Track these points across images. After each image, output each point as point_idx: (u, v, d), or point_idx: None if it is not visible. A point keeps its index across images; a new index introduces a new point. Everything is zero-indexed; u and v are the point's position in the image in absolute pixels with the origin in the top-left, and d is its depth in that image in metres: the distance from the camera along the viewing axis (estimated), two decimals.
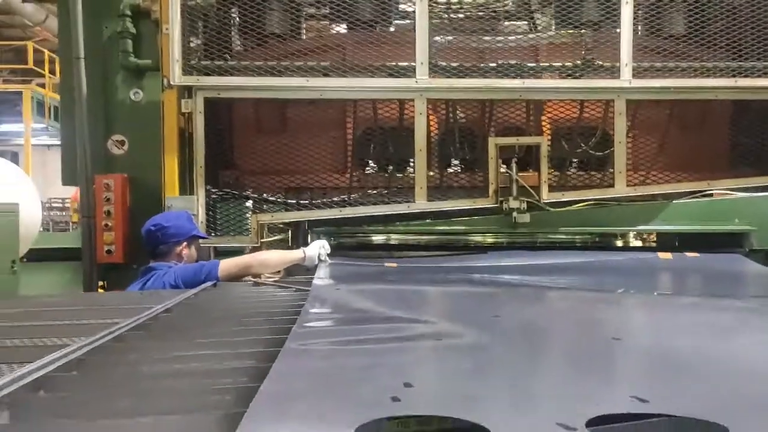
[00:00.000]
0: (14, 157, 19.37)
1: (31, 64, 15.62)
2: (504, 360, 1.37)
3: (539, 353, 1.51)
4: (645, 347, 1.56)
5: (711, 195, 3.60)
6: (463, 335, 1.57)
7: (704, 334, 1.76)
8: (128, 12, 3.57)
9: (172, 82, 3.27)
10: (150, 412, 1.00)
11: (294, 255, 3.12)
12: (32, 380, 1.10)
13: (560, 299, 2.57)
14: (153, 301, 2.16)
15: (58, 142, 17.80)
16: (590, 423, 0.89)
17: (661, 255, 3.38)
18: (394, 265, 3.27)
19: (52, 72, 15.93)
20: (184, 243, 3.11)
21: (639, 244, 4.14)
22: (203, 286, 2.66)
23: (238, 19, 3.57)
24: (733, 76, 3.43)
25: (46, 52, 15.48)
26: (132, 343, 1.50)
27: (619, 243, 4.18)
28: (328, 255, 3.15)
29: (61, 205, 21.46)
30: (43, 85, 16.02)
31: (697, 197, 3.56)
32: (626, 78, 3.36)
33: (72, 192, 15.20)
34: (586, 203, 3.55)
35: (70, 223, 18.55)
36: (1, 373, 1.16)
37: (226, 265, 2.94)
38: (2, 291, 4.26)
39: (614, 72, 3.42)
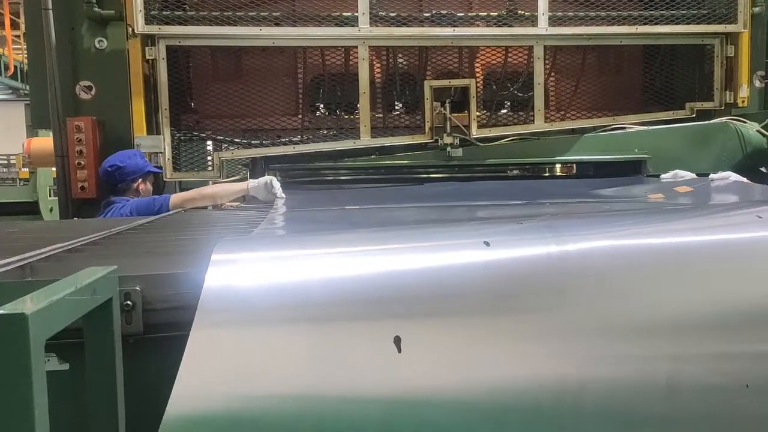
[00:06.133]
0: None
1: None
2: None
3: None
4: None
5: (624, 128, 4.14)
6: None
7: None
8: None
9: (135, 31, 3.59)
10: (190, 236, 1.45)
11: (239, 186, 3.35)
12: (85, 243, 1.52)
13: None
14: (137, 220, 2.57)
15: (0, 97, 17.16)
16: None
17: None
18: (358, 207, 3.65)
19: None
20: (140, 179, 3.51)
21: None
22: (174, 211, 3.08)
23: None
24: (635, 24, 3.93)
25: None
26: (138, 234, 1.92)
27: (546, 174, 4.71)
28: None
29: (6, 161, 21.05)
30: None
31: (605, 130, 4.09)
32: (543, 26, 3.83)
33: (18, 147, 15.00)
34: (510, 138, 4.04)
35: (18, 179, 18.32)
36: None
37: (176, 198, 3.34)
38: None
39: (534, 21, 3.88)
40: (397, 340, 0.99)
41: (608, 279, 1.09)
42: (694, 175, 3.38)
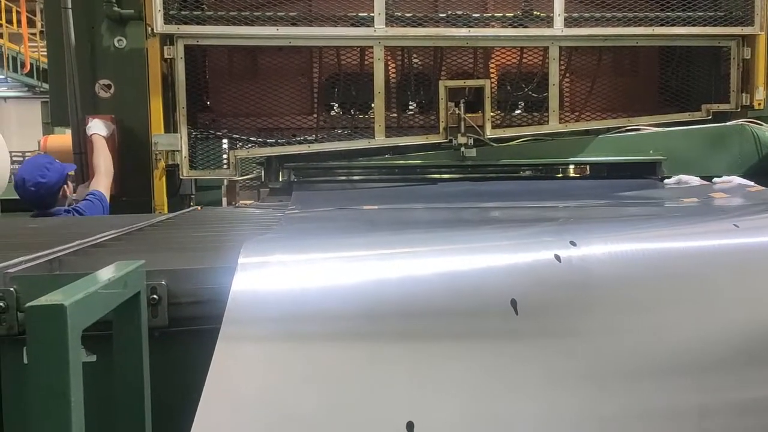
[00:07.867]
0: None
1: None
2: None
3: None
4: None
5: (639, 129, 4.13)
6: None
7: None
8: None
9: (154, 30, 3.63)
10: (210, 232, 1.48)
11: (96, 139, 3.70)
12: (109, 239, 1.56)
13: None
14: (157, 216, 2.60)
15: (16, 94, 17.29)
16: None
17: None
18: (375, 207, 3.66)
19: (9, 21, 15.66)
20: (64, 185, 3.50)
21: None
22: (191, 208, 3.12)
23: None
24: (651, 25, 3.93)
25: (2, 0, 15.18)
26: (159, 230, 1.95)
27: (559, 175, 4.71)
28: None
29: (21, 158, 21.27)
30: (0, 35, 15.71)
31: (620, 132, 4.09)
32: (558, 27, 3.83)
33: (34, 144, 15.13)
34: (524, 139, 4.05)
35: None
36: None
37: (99, 187, 3.55)
38: None
39: (549, 22, 3.89)
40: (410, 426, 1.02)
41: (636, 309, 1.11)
42: (699, 180, 3.36)
